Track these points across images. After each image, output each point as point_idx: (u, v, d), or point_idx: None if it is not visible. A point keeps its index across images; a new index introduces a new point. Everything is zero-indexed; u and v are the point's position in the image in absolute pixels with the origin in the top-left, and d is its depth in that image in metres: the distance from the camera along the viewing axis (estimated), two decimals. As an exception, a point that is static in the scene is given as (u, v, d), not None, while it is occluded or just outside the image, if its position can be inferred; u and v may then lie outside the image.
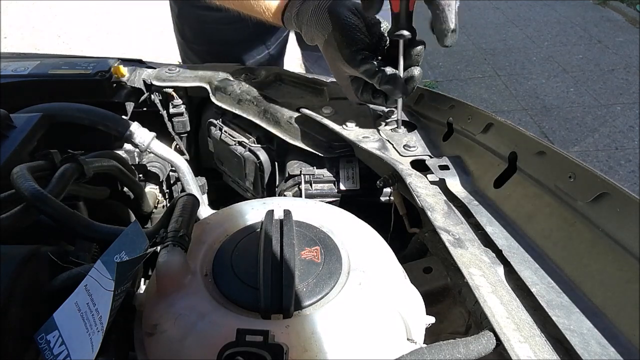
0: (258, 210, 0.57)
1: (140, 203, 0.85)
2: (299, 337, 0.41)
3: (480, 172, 0.62)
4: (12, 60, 0.94)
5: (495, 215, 0.56)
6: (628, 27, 4.02)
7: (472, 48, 3.90)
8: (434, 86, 3.35)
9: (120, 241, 0.43)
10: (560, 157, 0.50)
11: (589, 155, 2.61)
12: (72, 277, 0.45)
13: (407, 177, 0.60)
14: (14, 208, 0.52)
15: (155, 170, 0.94)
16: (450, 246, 0.49)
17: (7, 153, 0.65)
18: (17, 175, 0.54)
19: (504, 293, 0.44)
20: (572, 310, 0.43)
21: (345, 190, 0.76)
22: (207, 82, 0.91)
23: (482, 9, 4.58)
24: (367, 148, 0.68)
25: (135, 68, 0.94)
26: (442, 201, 0.58)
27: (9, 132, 0.70)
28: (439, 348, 0.39)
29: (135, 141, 0.80)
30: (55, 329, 0.40)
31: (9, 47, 3.62)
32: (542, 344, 0.40)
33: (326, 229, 0.54)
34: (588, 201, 0.46)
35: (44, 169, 0.61)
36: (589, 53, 3.66)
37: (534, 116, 2.99)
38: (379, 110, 0.80)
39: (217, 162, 0.98)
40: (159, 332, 0.43)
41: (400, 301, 0.47)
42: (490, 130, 0.62)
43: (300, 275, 0.46)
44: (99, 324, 0.39)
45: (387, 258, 0.52)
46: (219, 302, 0.44)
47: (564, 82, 3.32)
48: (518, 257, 0.49)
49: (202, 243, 0.52)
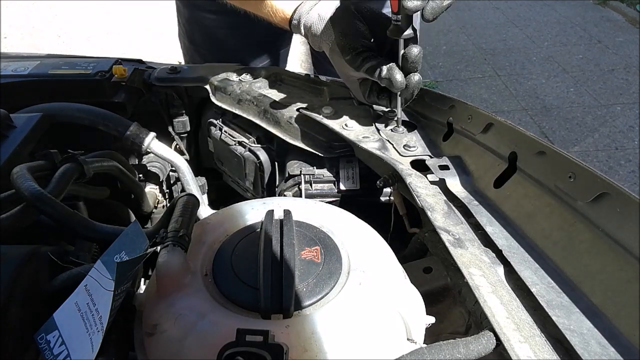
0: (258, 210, 0.57)
1: (140, 203, 0.85)
2: (299, 337, 0.41)
3: (480, 172, 0.62)
4: (12, 60, 0.94)
5: (495, 215, 0.56)
6: (628, 27, 4.02)
7: (472, 48, 3.90)
8: (434, 86, 3.34)
9: (120, 241, 0.43)
10: (560, 157, 0.50)
11: (589, 155, 2.61)
12: (72, 277, 0.45)
13: (407, 177, 0.60)
14: (14, 208, 0.52)
15: (155, 170, 0.94)
16: (450, 246, 0.49)
17: (7, 153, 0.65)
18: (17, 175, 0.54)
19: (504, 293, 0.44)
20: (572, 310, 0.43)
21: (345, 190, 0.76)
22: (207, 82, 0.91)
23: (482, 9, 4.58)
24: (367, 148, 0.68)
25: (135, 68, 0.94)
26: (442, 201, 0.58)
27: (9, 132, 0.70)
28: (439, 348, 0.39)
29: (135, 141, 0.80)
30: (55, 329, 0.40)
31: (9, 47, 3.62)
32: (542, 344, 0.40)
33: (326, 229, 0.54)
34: (588, 201, 0.46)
35: (44, 169, 0.61)
36: (589, 53, 3.66)
37: (534, 116, 2.99)
38: (379, 110, 0.80)
39: (217, 162, 0.98)
40: (159, 332, 0.43)
41: (400, 301, 0.47)
42: (490, 130, 0.62)
43: (300, 275, 0.46)
44: (99, 324, 0.39)
45: (387, 258, 0.52)
46: (219, 302, 0.45)
47: (564, 82, 3.32)
48: (518, 257, 0.49)
49: (202, 243, 0.52)
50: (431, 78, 3.47)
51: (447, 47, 3.94)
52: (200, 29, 1.16)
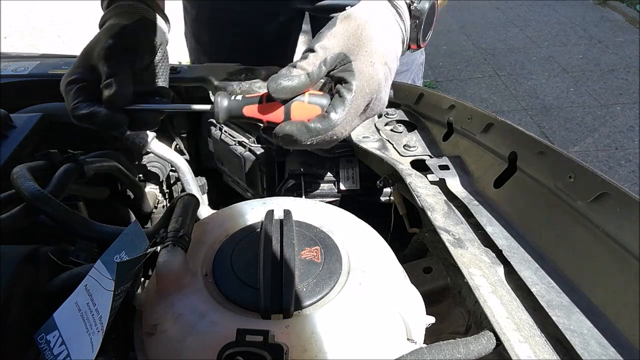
0: (258, 210, 0.57)
1: (140, 203, 0.85)
2: (299, 337, 0.41)
3: (480, 172, 0.62)
4: (12, 60, 0.94)
5: (495, 215, 0.56)
6: (628, 27, 4.02)
7: (472, 48, 3.91)
8: (434, 86, 3.35)
9: (120, 241, 0.43)
10: (560, 157, 0.50)
11: (589, 155, 2.61)
12: (72, 277, 0.45)
13: (407, 177, 0.60)
14: (14, 208, 0.52)
15: (155, 170, 0.94)
16: (450, 246, 0.49)
17: (7, 153, 0.65)
18: (17, 175, 0.54)
19: (504, 293, 0.44)
20: (572, 310, 0.43)
21: (345, 190, 0.76)
22: (207, 82, 0.91)
23: (482, 9, 4.58)
24: (367, 148, 0.68)
25: (135, 68, 0.94)
26: (442, 201, 0.58)
27: (9, 132, 0.70)
28: (439, 348, 0.39)
29: (135, 141, 0.80)
30: (55, 329, 0.40)
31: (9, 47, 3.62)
32: (542, 344, 0.40)
33: (326, 229, 0.54)
34: (588, 201, 0.46)
35: (44, 169, 0.61)
36: (589, 53, 3.66)
37: (534, 116, 2.99)
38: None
39: (217, 162, 0.98)
40: (159, 332, 0.43)
41: (400, 301, 0.47)
42: (490, 130, 0.62)
43: (300, 275, 0.46)
44: (99, 324, 0.39)
45: (387, 258, 0.52)
46: (219, 302, 0.44)
47: (564, 82, 3.32)
48: (518, 257, 0.49)
49: (202, 243, 0.52)
50: (431, 78, 3.47)
51: (447, 47, 3.95)
52: (207, 28, 1.16)
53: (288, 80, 0.53)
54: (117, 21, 0.63)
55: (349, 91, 0.53)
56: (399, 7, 0.59)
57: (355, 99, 0.53)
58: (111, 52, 0.59)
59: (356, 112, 0.54)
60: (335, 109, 0.53)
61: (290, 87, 0.54)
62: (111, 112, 0.58)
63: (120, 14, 0.65)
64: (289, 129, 0.53)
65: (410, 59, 1.14)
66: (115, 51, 0.59)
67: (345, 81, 0.54)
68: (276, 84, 0.53)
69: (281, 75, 0.54)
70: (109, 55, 0.59)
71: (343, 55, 0.54)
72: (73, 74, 0.60)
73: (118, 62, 0.59)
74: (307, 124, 0.53)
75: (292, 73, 0.54)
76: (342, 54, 0.54)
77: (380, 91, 0.55)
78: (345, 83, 0.54)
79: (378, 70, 0.54)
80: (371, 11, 0.58)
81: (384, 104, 0.57)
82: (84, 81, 0.59)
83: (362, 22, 0.56)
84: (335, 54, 0.54)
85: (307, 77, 0.54)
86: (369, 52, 0.54)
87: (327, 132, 0.53)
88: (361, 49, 0.54)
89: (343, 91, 0.53)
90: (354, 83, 0.53)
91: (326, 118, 0.53)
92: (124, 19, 0.63)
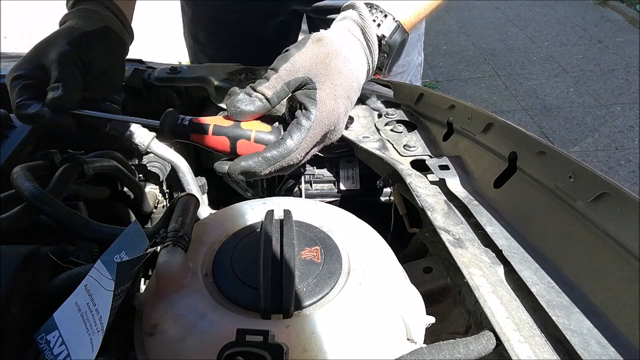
0: (258, 210, 0.57)
1: (140, 203, 0.85)
2: (299, 337, 0.41)
3: (480, 172, 0.62)
4: (12, 60, 0.94)
5: (495, 215, 0.56)
6: (628, 27, 4.02)
7: (472, 48, 3.91)
8: (434, 86, 3.35)
9: (120, 241, 0.43)
10: (560, 157, 0.50)
11: (589, 155, 2.61)
12: (72, 277, 0.45)
13: (407, 177, 0.60)
14: (14, 208, 0.52)
15: (155, 170, 0.94)
16: (450, 246, 0.49)
17: (7, 153, 0.65)
18: (17, 175, 0.54)
19: (504, 293, 0.44)
20: (572, 310, 0.43)
21: (345, 190, 0.76)
22: (207, 82, 0.91)
23: (482, 9, 4.58)
24: (367, 148, 0.68)
25: (135, 68, 0.94)
26: (442, 201, 0.58)
27: (9, 132, 0.70)
28: (439, 348, 0.39)
29: (135, 141, 0.80)
30: (55, 329, 0.40)
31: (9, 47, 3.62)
32: (542, 344, 0.40)
33: (326, 229, 0.54)
34: (588, 201, 0.46)
35: (44, 169, 0.61)
36: (589, 53, 3.66)
37: (534, 116, 2.99)
38: (379, 110, 0.80)
39: (217, 162, 0.98)
40: (159, 332, 0.43)
41: (400, 301, 0.47)
42: (490, 130, 0.62)
43: (300, 275, 0.46)
44: (99, 324, 0.39)
45: (387, 258, 0.52)
46: (219, 302, 0.45)
47: (564, 82, 3.32)
48: (518, 257, 0.49)
49: (202, 243, 0.52)
50: (431, 78, 3.47)
51: (447, 47, 3.95)
52: (205, 27, 1.16)
53: (246, 104, 0.55)
54: (79, 25, 0.62)
55: (307, 119, 0.54)
56: (370, 41, 0.60)
57: (313, 128, 0.54)
58: (65, 58, 0.58)
59: (312, 141, 0.55)
60: (291, 135, 0.54)
61: (248, 111, 0.55)
62: (56, 115, 0.57)
63: (85, 17, 0.63)
64: (244, 164, 0.54)
65: (407, 60, 1.14)
66: (70, 58, 0.58)
67: (305, 108, 0.54)
68: (234, 108, 0.55)
69: (239, 100, 0.55)
70: (62, 61, 0.58)
71: (309, 79, 0.55)
72: (21, 69, 0.58)
73: (70, 69, 0.58)
74: (263, 154, 0.54)
75: (252, 97, 0.55)
76: (307, 78, 0.55)
77: (338, 123, 0.57)
78: (306, 110, 0.54)
79: (339, 104, 0.55)
80: (343, 40, 0.59)
81: (340, 134, 0.59)
82: (31, 79, 0.58)
83: (333, 50, 0.56)
84: (301, 77, 0.55)
85: (267, 101, 0.55)
86: (334, 84, 0.55)
87: (283, 158, 0.54)
88: (327, 79, 0.55)
89: (302, 119, 0.54)
90: (314, 113, 0.54)
91: (282, 144, 0.54)
92: (87, 23, 0.62)
